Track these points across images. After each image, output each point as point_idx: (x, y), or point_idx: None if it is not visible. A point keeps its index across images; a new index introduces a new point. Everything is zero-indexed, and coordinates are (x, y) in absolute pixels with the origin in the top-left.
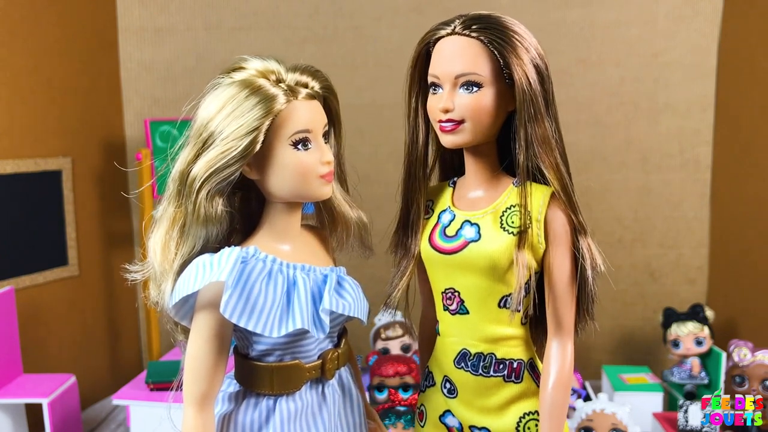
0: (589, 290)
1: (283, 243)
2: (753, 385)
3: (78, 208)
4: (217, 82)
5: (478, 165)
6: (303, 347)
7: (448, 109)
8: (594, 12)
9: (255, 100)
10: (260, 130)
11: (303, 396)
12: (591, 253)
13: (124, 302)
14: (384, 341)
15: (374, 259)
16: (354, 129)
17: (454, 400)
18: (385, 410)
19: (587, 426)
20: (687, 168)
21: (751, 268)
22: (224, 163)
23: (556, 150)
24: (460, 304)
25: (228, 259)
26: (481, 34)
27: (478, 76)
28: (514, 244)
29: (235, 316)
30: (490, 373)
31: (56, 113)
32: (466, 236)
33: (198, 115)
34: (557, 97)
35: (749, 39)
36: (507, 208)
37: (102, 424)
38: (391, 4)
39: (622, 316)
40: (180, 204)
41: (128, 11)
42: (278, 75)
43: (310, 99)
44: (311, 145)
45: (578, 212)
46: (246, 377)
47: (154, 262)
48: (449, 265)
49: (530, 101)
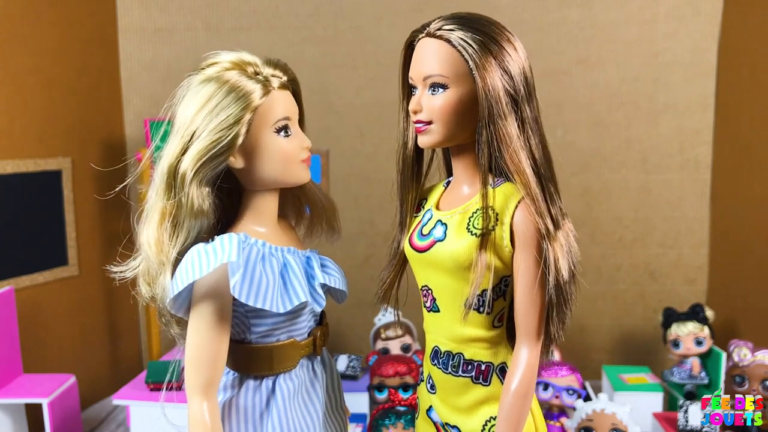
0: (552, 298)
1: (265, 228)
2: (753, 385)
3: (78, 208)
4: (194, 79)
5: (461, 165)
6: (296, 325)
7: (416, 111)
8: (594, 12)
9: (236, 91)
10: (244, 120)
11: (298, 373)
12: (556, 261)
13: (124, 302)
14: (384, 341)
15: (375, 260)
16: (354, 129)
17: (434, 397)
18: (385, 410)
19: (587, 426)
20: (687, 168)
21: (751, 268)
22: (213, 154)
23: (521, 152)
24: (433, 302)
25: (231, 242)
26: (451, 35)
27: (443, 77)
28: (475, 245)
29: (244, 295)
30: (458, 373)
31: (56, 113)
32: (435, 236)
33: (180, 112)
34: (557, 98)
35: (749, 39)
36: (477, 209)
37: (102, 424)
38: (391, 4)
39: (622, 316)
40: (171, 197)
41: (128, 11)
42: (255, 67)
43: (284, 89)
44: (291, 131)
45: (547, 217)
46: (243, 362)
47: (150, 255)
48: (423, 263)
49: (490, 103)
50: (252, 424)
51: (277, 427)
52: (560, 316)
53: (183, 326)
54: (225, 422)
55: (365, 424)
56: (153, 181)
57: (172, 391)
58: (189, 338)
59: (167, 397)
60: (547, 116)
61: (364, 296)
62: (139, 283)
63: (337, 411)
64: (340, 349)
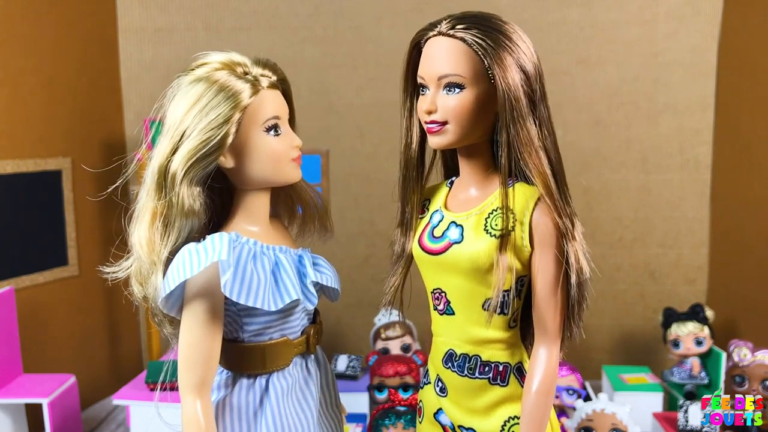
0: (574, 296)
1: (257, 228)
2: (753, 385)
3: (78, 208)
4: (184, 80)
5: (471, 165)
6: (289, 323)
7: (430, 111)
8: (594, 12)
9: (226, 91)
10: (233, 119)
11: (292, 372)
12: (577, 260)
13: (124, 302)
14: (384, 341)
15: (375, 260)
16: (354, 129)
17: (445, 399)
18: (385, 410)
19: (587, 426)
20: (687, 168)
21: (751, 268)
22: (203, 153)
23: (541, 152)
24: (446, 305)
25: (221, 241)
26: (466, 34)
27: (460, 77)
28: (495, 246)
29: (235, 294)
30: (475, 375)
31: (56, 113)
32: (451, 238)
33: (170, 113)
34: (557, 98)
35: (749, 39)
36: (493, 210)
37: (102, 424)
38: (391, 4)
39: (622, 316)
40: (161, 197)
41: (128, 11)
42: (245, 67)
43: (273, 88)
44: (281, 130)
45: (566, 216)
46: (236, 361)
47: (141, 255)
48: (436, 266)
49: (511, 103)
50: (246, 422)
51: (270, 425)
52: (580, 314)
53: (175, 326)
54: (219, 421)
55: (365, 424)
56: (144, 181)
57: (166, 391)
58: (181, 337)
59: (162, 397)
60: None
61: (364, 296)
62: (131, 282)
63: (332, 409)
64: (340, 349)
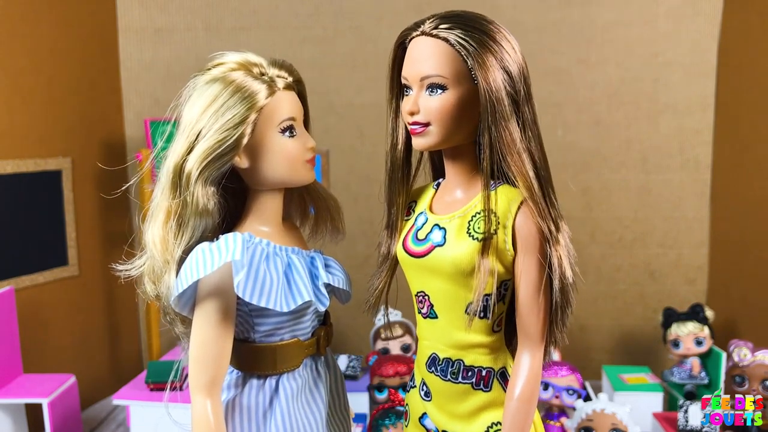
0: (557, 301)
1: (270, 228)
2: (753, 385)
3: (78, 208)
4: (200, 79)
5: (456, 167)
6: (300, 324)
7: (413, 112)
8: (594, 12)
9: (242, 91)
10: (249, 120)
11: (302, 373)
12: (560, 264)
13: (124, 302)
14: (384, 341)
15: (374, 260)
16: (354, 129)
17: (430, 404)
18: (385, 410)
19: (587, 426)
20: (687, 168)
21: (751, 268)
22: (219, 153)
23: (524, 154)
24: (430, 308)
25: (235, 241)
26: (449, 34)
27: (442, 78)
28: (477, 250)
29: (248, 294)
30: (458, 380)
31: (56, 113)
32: (434, 240)
33: (186, 112)
34: (557, 98)
35: (749, 39)
36: (476, 213)
37: (102, 424)
38: (391, 4)
39: (622, 316)
40: (176, 196)
41: (128, 11)
42: (261, 68)
43: (289, 90)
44: (296, 132)
45: (550, 220)
46: (247, 361)
47: (155, 253)
48: (419, 269)
49: (493, 104)
50: (255, 423)
51: (280, 426)
52: (564, 319)
53: (187, 325)
54: (228, 421)
55: (365, 424)
56: (158, 180)
57: (174, 391)
58: (193, 336)
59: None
60: (547, 116)
61: (364, 296)
62: (143, 281)
63: (341, 412)
64: (341, 349)
